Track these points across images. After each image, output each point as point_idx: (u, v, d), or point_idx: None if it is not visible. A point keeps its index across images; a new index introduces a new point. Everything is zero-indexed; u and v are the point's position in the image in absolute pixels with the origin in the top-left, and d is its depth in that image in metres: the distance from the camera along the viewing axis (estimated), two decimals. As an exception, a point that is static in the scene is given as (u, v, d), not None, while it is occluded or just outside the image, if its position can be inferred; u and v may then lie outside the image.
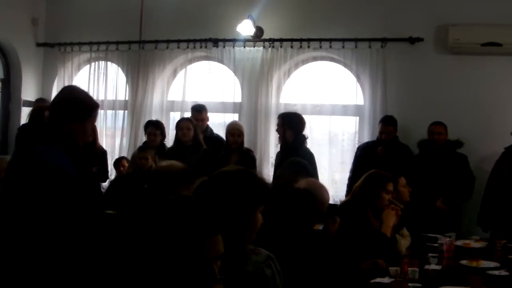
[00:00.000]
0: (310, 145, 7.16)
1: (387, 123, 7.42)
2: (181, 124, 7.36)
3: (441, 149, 7.11)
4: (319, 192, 3.83)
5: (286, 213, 3.34)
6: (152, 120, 8.10)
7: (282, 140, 6.93)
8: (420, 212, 6.74)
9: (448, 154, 7.10)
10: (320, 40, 8.14)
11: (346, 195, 6.82)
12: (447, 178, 6.98)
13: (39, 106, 3.66)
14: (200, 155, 7.14)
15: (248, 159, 7.07)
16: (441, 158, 7.06)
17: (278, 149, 7.25)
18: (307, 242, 3.41)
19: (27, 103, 9.17)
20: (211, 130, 7.97)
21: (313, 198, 3.50)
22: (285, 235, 3.27)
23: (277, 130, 7.07)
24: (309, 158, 6.29)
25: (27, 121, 3.73)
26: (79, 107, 3.44)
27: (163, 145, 7.78)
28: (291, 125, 6.88)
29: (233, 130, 7.22)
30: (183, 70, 9.07)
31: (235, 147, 7.16)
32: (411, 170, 6.91)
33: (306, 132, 7.00)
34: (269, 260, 2.68)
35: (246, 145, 7.42)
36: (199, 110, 7.83)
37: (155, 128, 7.74)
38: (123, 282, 2.09)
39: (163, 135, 7.80)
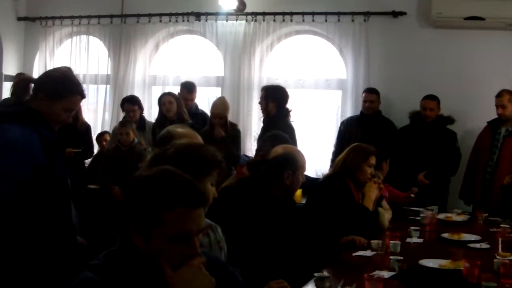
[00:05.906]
0: (292, 119, 7.12)
1: (370, 91, 7.43)
2: (163, 99, 7.29)
3: (431, 124, 7.09)
4: (295, 154, 4.11)
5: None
6: (126, 97, 7.94)
7: (265, 112, 6.91)
8: (405, 186, 6.78)
9: (438, 129, 7.08)
10: (303, 13, 8.09)
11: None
12: (433, 153, 6.96)
13: (22, 78, 3.54)
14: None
15: (233, 133, 7.02)
16: (431, 133, 7.04)
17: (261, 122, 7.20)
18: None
19: (8, 78, 9.07)
20: (196, 106, 7.91)
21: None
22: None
23: (259, 103, 7.06)
24: (290, 132, 6.27)
25: (10, 95, 3.62)
26: (50, 86, 3.36)
27: (143, 118, 7.75)
28: (274, 98, 6.87)
29: (214, 114, 6.93)
30: (165, 44, 9.00)
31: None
32: (394, 144, 6.96)
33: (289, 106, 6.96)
34: (208, 229, 2.72)
35: (229, 119, 7.35)
36: (190, 90, 7.76)
37: (131, 104, 7.65)
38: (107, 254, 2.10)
39: (141, 109, 7.74)
